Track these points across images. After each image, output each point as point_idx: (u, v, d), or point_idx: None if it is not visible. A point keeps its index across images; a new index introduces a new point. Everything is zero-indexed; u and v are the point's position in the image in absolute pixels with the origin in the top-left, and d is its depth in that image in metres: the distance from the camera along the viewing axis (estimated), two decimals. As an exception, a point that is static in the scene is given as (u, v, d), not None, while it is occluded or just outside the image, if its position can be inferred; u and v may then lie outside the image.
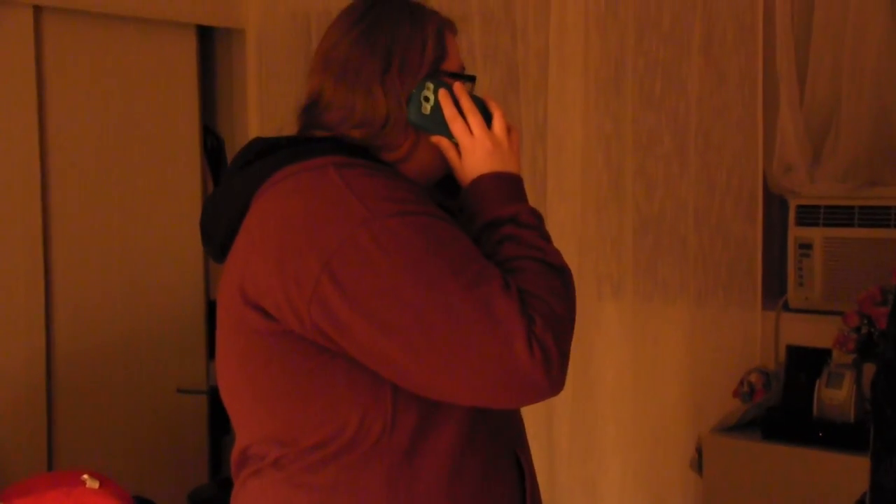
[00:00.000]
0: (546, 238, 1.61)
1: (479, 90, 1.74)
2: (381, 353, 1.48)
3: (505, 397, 1.49)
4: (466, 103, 1.66)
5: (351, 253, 1.46)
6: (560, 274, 1.56)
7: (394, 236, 1.46)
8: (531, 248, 1.57)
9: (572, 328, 1.54)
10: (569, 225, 3.74)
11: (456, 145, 1.66)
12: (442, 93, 1.64)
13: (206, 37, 4.72)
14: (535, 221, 1.62)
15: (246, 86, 4.67)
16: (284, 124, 1.73)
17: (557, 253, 1.60)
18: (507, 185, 1.64)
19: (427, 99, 1.63)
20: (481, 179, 1.64)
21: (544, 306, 1.48)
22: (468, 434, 1.57)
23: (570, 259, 3.72)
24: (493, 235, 1.59)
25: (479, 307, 1.44)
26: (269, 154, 1.62)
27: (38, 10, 3.95)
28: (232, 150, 4.73)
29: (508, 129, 1.69)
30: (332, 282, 1.46)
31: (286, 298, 1.50)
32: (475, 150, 1.65)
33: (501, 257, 1.55)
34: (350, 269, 1.46)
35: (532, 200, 3.85)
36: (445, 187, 1.74)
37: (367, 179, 1.53)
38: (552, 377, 1.46)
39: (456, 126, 1.65)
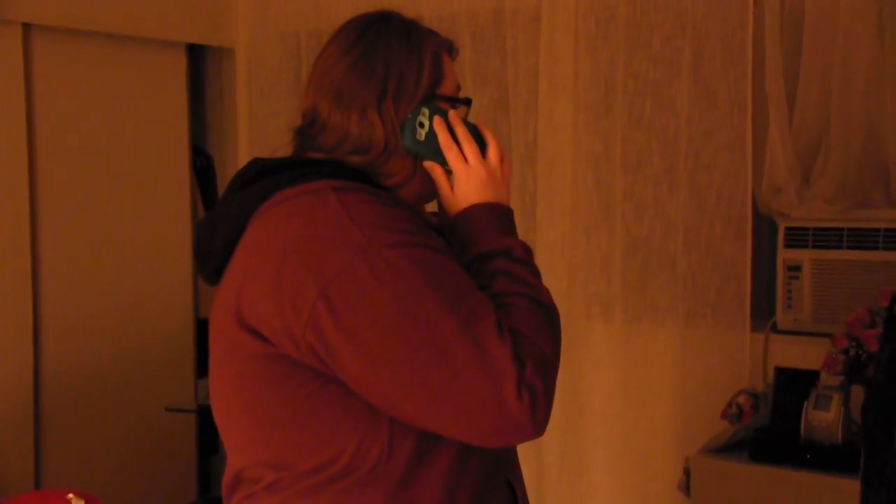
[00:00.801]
0: (536, 275, 1.61)
1: (470, 111, 1.74)
2: (370, 384, 1.48)
3: (489, 438, 1.49)
4: (461, 131, 1.65)
5: (348, 282, 1.45)
6: (549, 314, 1.56)
7: (391, 268, 1.46)
8: (523, 284, 1.57)
9: (557, 369, 1.54)
10: (558, 246, 3.74)
11: (451, 172, 1.66)
12: (437, 120, 1.63)
13: (196, 56, 4.72)
14: (527, 257, 1.62)
15: (236, 105, 4.68)
16: (279, 146, 1.72)
17: (547, 291, 1.60)
18: (501, 217, 1.64)
19: (422, 125, 1.62)
20: (475, 209, 1.63)
21: (535, 350, 1.48)
22: (463, 460, 1.56)
23: (559, 280, 3.76)
24: (486, 268, 1.58)
25: (472, 348, 1.44)
26: (267, 176, 1.61)
27: (27, 27, 3.95)
28: (221, 170, 4.73)
29: (501, 159, 1.69)
30: (328, 309, 1.45)
31: (282, 322, 1.49)
32: (470, 178, 1.64)
33: (494, 291, 1.55)
34: (346, 299, 1.45)
35: (522, 221, 3.87)
36: None
37: (367, 206, 1.52)
38: (537, 421, 1.46)
39: (451, 154, 1.64)
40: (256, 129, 4.55)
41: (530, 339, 1.49)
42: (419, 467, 1.54)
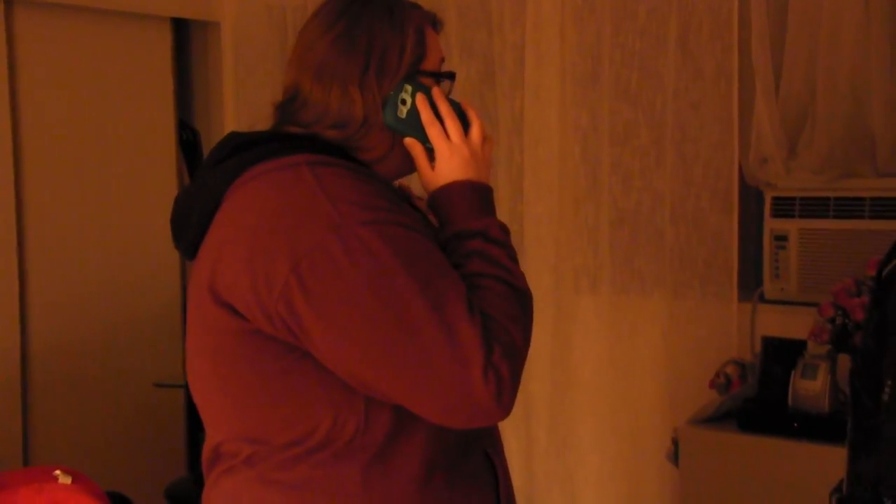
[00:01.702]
0: (513, 257, 1.60)
1: (456, 84, 1.73)
2: (339, 361, 1.48)
3: (454, 418, 1.50)
4: (444, 108, 1.65)
5: (320, 259, 1.46)
6: (522, 299, 1.56)
7: (364, 246, 1.46)
8: (498, 266, 1.56)
9: (526, 355, 1.54)
10: (546, 219, 3.74)
11: (430, 150, 1.65)
12: (419, 97, 1.63)
13: (182, 30, 4.70)
14: (504, 238, 1.61)
15: (222, 79, 4.66)
16: (258, 119, 1.72)
17: (522, 275, 1.59)
18: (480, 195, 1.63)
19: (404, 102, 1.61)
20: (454, 186, 1.62)
21: (504, 334, 1.48)
22: (440, 433, 1.56)
23: (547, 252, 3.76)
24: (461, 248, 1.58)
25: (442, 329, 1.44)
26: (244, 150, 1.60)
27: (9, 2, 3.93)
28: (208, 144, 4.72)
29: (483, 138, 1.68)
30: (300, 285, 1.46)
31: (255, 297, 1.49)
32: (452, 156, 1.63)
33: (468, 271, 1.54)
34: (318, 276, 1.45)
35: (509, 194, 3.85)
36: None
37: (342, 181, 1.52)
38: (502, 404, 1.47)
39: (433, 131, 1.63)
40: (243, 102, 4.54)
41: (501, 323, 1.49)
42: (396, 440, 1.55)
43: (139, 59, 4.39)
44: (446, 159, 1.64)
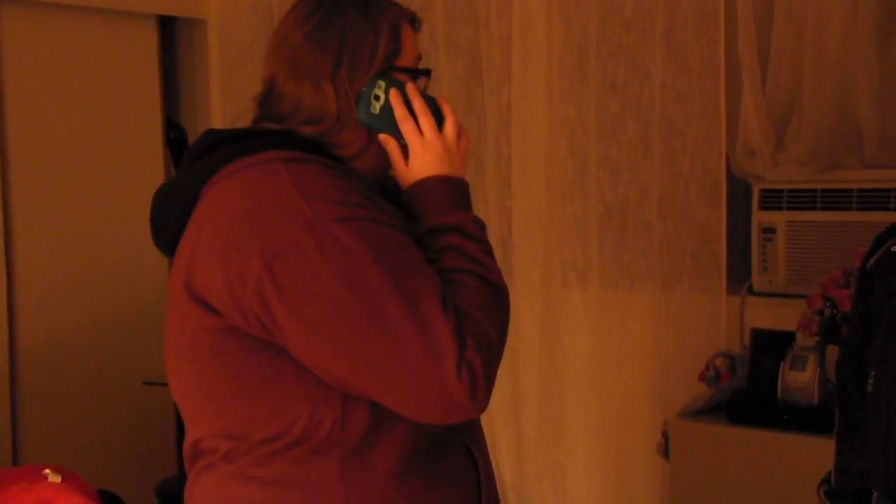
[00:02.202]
0: (488, 252, 1.60)
1: (443, 80, 1.72)
2: (313, 357, 1.49)
3: (428, 414, 1.50)
4: (418, 104, 1.64)
5: (293, 256, 1.46)
6: (497, 294, 1.56)
7: (337, 243, 1.46)
8: (473, 261, 1.56)
9: (502, 350, 1.54)
10: (533, 213, 3.74)
11: (404, 146, 1.64)
12: (393, 93, 1.62)
13: (167, 27, 4.68)
14: (479, 233, 1.61)
15: (208, 76, 4.65)
16: (239, 115, 1.72)
17: (498, 270, 1.59)
18: (454, 190, 1.63)
19: (377, 98, 1.61)
20: (428, 181, 1.62)
21: (478, 329, 1.48)
22: (419, 428, 1.56)
23: (535, 247, 3.76)
24: (437, 242, 1.58)
25: (415, 324, 1.44)
26: (220, 147, 1.61)
27: (-4, 1, 3.92)
28: (195, 142, 4.71)
29: (459, 133, 1.68)
30: (272, 282, 1.46)
31: (230, 294, 1.49)
32: (425, 152, 1.63)
33: (443, 266, 1.54)
34: (290, 273, 1.46)
35: (497, 189, 3.85)
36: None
37: (316, 177, 1.52)
38: (476, 399, 1.47)
39: (406, 127, 1.63)
40: (229, 100, 4.52)
41: (474, 318, 1.49)
42: (374, 435, 1.55)
43: (125, 57, 4.37)
44: (419, 155, 1.64)
